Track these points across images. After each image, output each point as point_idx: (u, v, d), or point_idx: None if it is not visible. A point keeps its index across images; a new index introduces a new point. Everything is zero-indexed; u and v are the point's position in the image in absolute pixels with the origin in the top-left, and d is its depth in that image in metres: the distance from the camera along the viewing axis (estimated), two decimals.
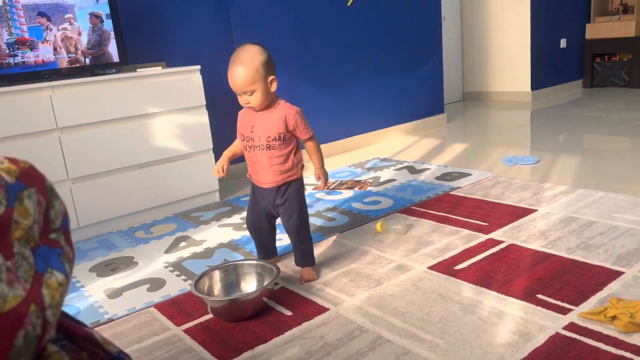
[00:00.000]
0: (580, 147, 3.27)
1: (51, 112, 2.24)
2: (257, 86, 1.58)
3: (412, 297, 1.57)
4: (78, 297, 1.80)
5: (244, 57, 1.57)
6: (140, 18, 2.85)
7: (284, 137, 1.66)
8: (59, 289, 0.53)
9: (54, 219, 0.60)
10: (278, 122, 1.64)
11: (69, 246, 0.60)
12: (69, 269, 0.57)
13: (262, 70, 1.57)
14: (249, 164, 1.72)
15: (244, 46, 1.60)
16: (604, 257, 1.70)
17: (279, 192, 1.69)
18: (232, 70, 1.58)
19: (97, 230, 2.44)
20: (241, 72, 1.56)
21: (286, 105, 1.68)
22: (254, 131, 1.65)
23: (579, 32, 5.68)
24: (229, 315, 1.53)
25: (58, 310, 0.53)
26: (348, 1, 3.62)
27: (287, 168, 1.68)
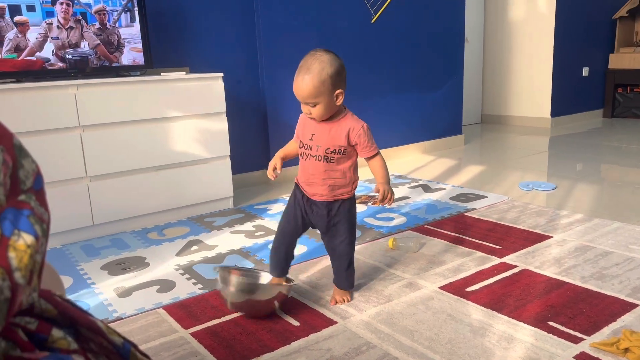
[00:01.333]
0: (598, 176, 3.24)
1: (74, 110, 2.28)
2: (321, 99, 1.48)
3: (421, 315, 1.55)
4: (88, 294, 1.82)
5: (313, 66, 1.47)
6: (167, 23, 2.90)
7: (344, 150, 1.55)
8: (28, 251, 0.52)
9: (24, 180, 0.57)
10: (340, 134, 1.54)
11: (42, 207, 0.58)
12: (40, 230, 0.55)
13: (329, 82, 1.47)
14: (302, 172, 1.62)
15: (316, 53, 1.51)
16: (618, 288, 1.67)
17: (329, 208, 1.60)
18: (298, 78, 1.49)
19: (111, 229, 2.46)
20: (307, 81, 1.46)
21: (352, 118, 1.56)
22: (314, 140, 1.56)
23: (602, 61, 5.66)
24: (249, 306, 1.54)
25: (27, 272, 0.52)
26: (372, 17, 3.65)
27: (341, 184, 1.59)
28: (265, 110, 3.29)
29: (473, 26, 5.46)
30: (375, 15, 3.67)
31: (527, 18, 5.23)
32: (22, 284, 0.51)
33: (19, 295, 0.51)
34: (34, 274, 0.53)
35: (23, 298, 0.52)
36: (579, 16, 5.27)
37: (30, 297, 0.54)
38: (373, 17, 3.66)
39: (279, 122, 3.33)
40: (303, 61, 1.51)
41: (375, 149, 1.59)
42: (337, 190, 1.59)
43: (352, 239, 1.65)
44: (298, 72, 1.50)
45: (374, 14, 3.66)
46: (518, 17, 5.30)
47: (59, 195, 2.28)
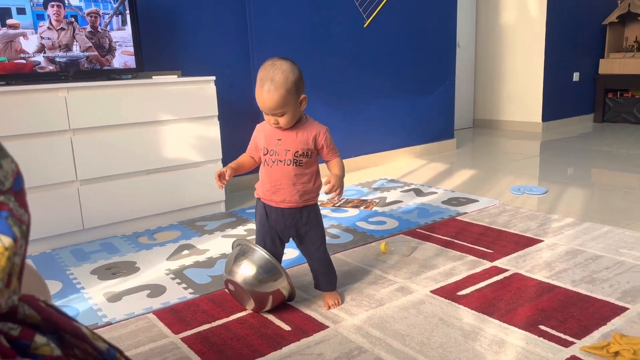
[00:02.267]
0: (589, 180, 3.26)
1: (65, 113, 2.26)
2: (288, 108, 1.49)
3: (413, 320, 1.55)
4: (78, 299, 1.80)
5: (276, 76, 1.46)
6: (159, 26, 2.89)
7: (311, 154, 1.58)
8: (5, 253, 0.51)
9: (3, 180, 0.55)
10: (307, 138, 1.56)
11: (21, 208, 0.56)
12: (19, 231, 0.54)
13: (294, 90, 1.48)
14: (266, 182, 1.59)
15: (275, 63, 1.49)
16: (608, 291, 1.68)
17: (300, 215, 1.59)
18: (263, 91, 1.46)
19: (101, 233, 2.44)
20: (273, 93, 1.45)
21: (315, 123, 1.60)
22: (281, 144, 1.55)
23: (592, 66, 5.71)
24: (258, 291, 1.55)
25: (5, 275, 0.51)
26: (365, 22, 3.66)
27: (309, 189, 1.59)
28: (257, 114, 3.29)
29: (465, 31, 5.49)
30: (367, 20, 3.68)
31: (518, 23, 5.27)
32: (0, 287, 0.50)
33: None
34: (12, 277, 0.52)
35: (1, 301, 0.51)
36: (569, 22, 5.31)
37: (10, 300, 0.53)
38: (366, 22, 3.67)
39: None
40: (263, 72, 1.48)
41: (337, 152, 1.64)
42: (306, 195, 1.59)
43: (324, 241, 1.67)
44: (261, 84, 1.47)
45: (366, 19, 3.67)
46: (509, 23, 5.34)
47: (48, 199, 2.26)
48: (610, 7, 5.63)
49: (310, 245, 1.65)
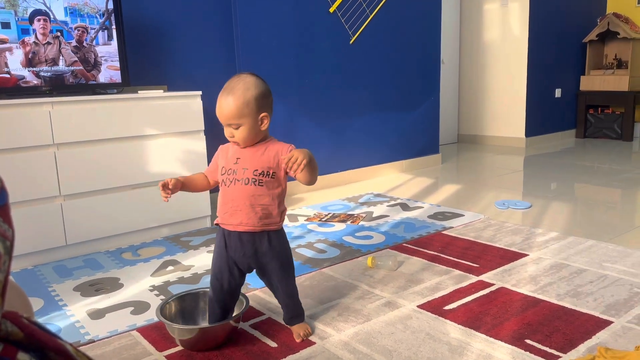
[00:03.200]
0: (572, 195, 3.30)
1: (49, 128, 2.24)
2: (244, 121, 1.42)
3: (400, 335, 1.55)
4: (60, 316, 1.76)
5: (236, 86, 1.43)
6: (145, 41, 2.89)
7: (274, 174, 1.48)
8: None
9: None
10: (269, 156, 1.48)
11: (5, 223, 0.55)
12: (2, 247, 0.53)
13: (253, 104, 1.42)
14: (223, 204, 1.48)
15: (241, 75, 1.47)
16: (593, 305, 1.69)
17: (260, 242, 1.48)
18: (221, 98, 1.44)
19: (84, 249, 2.41)
20: (229, 102, 1.41)
21: (280, 142, 1.52)
22: (239, 163, 1.47)
23: (573, 83, 5.82)
24: (196, 345, 1.48)
25: None
26: (351, 39, 3.70)
27: (269, 212, 1.47)
28: None
29: (449, 48, 5.57)
30: (353, 37, 3.71)
31: (501, 41, 5.37)
32: None
33: None
34: None
35: None
36: (551, 39, 5.42)
37: None
38: (351, 38, 3.71)
39: None
40: (227, 83, 1.46)
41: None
42: (266, 219, 1.47)
43: (288, 272, 1.54)
44: (221, 93, 1.45)
45: (352, 35, 3.71)
46: (492, 40, 5.43)
47: (31, 215, 2.23)
48: (590, 25, 5.76)
49: (272, 276, 1.52)
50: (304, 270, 2.10)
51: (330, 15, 3.57)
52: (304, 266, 2.14)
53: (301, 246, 2.40)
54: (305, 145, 3.55)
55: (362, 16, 3.74)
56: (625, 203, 3.06)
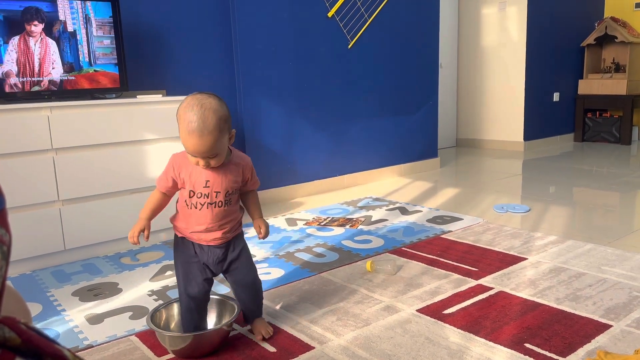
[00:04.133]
0: (571, 199, 3.30)
1: (47, 133, 2.24)
2: (221, 148, 1.39)
3: (399, 339, 1.54)
4: (58, 321, 1.76)
5: (208, 119, 1.33)
6: (144, 46, 2.90)
7: (238, 188, 1.51)
8: None
9: None
10: (237, 174, 1.49)
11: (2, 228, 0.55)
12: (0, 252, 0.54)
13: (225, 129, 1.38)
14: (194, 224, 1.47)
15: (203, 102, 1.35)
16: (592, 309, 1.69)
17: (233, 246, 1.54)
18: (195, 136, 1.32)
19: (83, 254, 2.40)
20: (207, 139, 1.33)
21: (239, 154, 1.53)
22: (210, 186, 1.44)
23: (571, 87, 5.83)
24: (192, 353, 1.47)
25: None
26: (349, 43, 3.71)
27: (238, 221, 1.54)
28: (242, 133, 3.29)
29: (447, 52, 5.58)
30: (352, 41, 3.72)
31: (499, 45, 5.38)
32: None
33: None
34: None
35: None
36: (549, 43, 5.44)
37: None
38: (350, 43, 3.72)
39: (257, 145, 3.33)
40: (191, 114, 1.33)
41: (258, 179, 1.60)
42: (236, 229, 1.55)
43: (253, 264, 1.60)
44: (192, 128, 1.32)
45: (350, 39, 3.72)
46: (491, 44, 5.45)
47: (29, 219, 2.22)
48: (588, 29, 5.78)
49: (240, 271, 1.55)
50: (303, 274, 2.09)
51: (328, 20, 3.58)
52: (303, 270, 2.14)
53: (300, 250, 2.40)
54: (303, 149, 3.56)
55: (361, 20, 3.75)
56: (623, 206, 3.07)
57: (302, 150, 3.56)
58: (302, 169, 3.57)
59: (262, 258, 2.31)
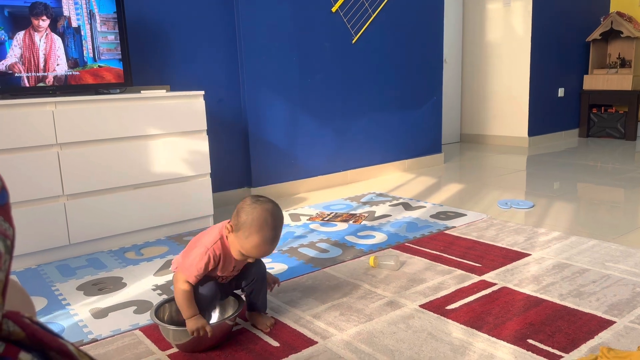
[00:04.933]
0: (575, 195, 3.29)
1: (52, 128, 2.25)
2: None
3: (402, 334, 1.55)
4: (63, 315, 1.77)
5: (280, 225, 1.49)
6: (148, 41, 2.90)
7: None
8: None
9: None
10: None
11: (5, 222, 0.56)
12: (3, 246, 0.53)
13: None
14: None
15: (272, 208, 1.47)
16: (595, 305, 1.69)
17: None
18: (272, 246, 1.47)
19: (87, 249, 2.42)
20: (271, 248, 1.48)
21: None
22: (236, 269, 1.58)
23: (576, 82, 5.80)
24: (195, 347, 1.48)
25: None
26: (353, 38, 3.70)
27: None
28: (246, 129, 3.29)
29: (452, 47, 5.56)
30: (355, 36, 3.71)
31: (504, 40, 5.36)
32: None
33: None
34: None
35: None
36: (554, 39, 5.41)
37: None
38: (354, 38, 3.71)
39: (260, 140, 3.33)
40: (272, 219, 1.45)
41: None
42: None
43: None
44: (263, 241, 1.44)
45: (354, 35, 3.71)
46: (495, 39, 5.42)
47: (34, 214, 2.24)
48: (593, 24, 5.75)
49: (252, 267, 1.62)
50: (306, 269, 2.10)
51: (332, 15, 3.57)
52: (306, 265, 2.14)
53: (303, 245, 2.40)
54: (307, 145, 3.56)
55: (365, 16, 3.73)
56: (628, 202, 3.06)
57: (305, 146, 3.56)
58: (306, 164, 3.58)
59: None
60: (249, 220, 1.44)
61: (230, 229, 1.48)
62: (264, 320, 1.62)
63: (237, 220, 1.46)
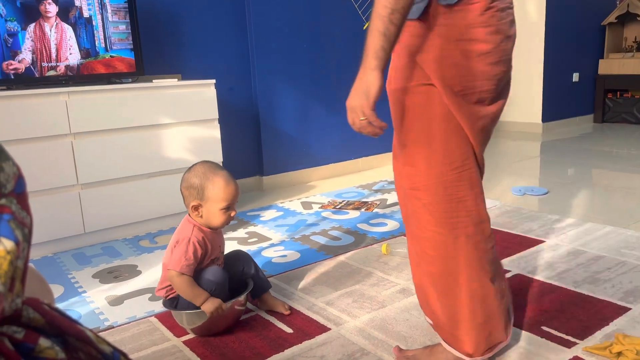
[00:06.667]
0: (590, 181, 3.26)
1: (65, 117, 2.26)
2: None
3: (415, 321, 1.55)
4: (80, 303, 1.80)
5: (224, 169, 1.57)
6: (159, 30, 2.90)
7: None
8: (8, 257, 0.51)
9: (5, 183, 0.56)
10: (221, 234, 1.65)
11: (23, 210, 0.57)
12: (21, 235, 0.54)
13: None
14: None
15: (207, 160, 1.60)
16: (611, 292, 1.68)
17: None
18: (230, 181, 1.53)
19: (102, 237, 2.44)
20: (236, 182, 1.55)
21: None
22: (221, 247, 1.62)
23: (591, 67, 5.71)
24: (209, 329, 1.50)
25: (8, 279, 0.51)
26: (364, 24, 3.67)
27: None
28: (257, 117, 3.29)
29: None
30: (367, 22, 3.68)
31: (517, 24, 5.27)
32: (2, 292, 0.50)
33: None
34: (15, 280, 0.52)
35: (5, 305, 0.51)
36: (568, 23, 5.32)
37: (14, 304, 0.53)
38: (365, 24, 3.68)
39: (272, 128, 3.33)
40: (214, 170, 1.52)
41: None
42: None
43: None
44: (225, 179, 1.51)
45: (365, 21, 3.68)
46: None
47: (50, 203, 2.26)
48: (609, 7, 5.63)
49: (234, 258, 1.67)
50: (318, 257, 2.11)
51: (343, 2, 3.54)
52: (318, 253, 2.15)
53: (315, 233, 2.41)
54: (318, 133, 3.55)
55: None
56: None
57: (317, 134, 3.55)
58: (317, 152, 3.57)
59: (278, 241, 2.33)
60: (201, 176, 1.51)
61: (197, 207, 1.53)
62: (277, 303, 1.64)
63: (194, 189, 1.52)
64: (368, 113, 1.10)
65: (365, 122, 1.12)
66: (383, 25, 1.05)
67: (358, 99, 1.11)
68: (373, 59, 1.09)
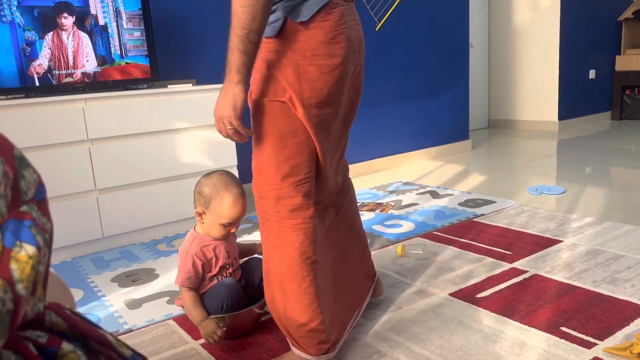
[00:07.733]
0: (608, 179, 3.21)
1: (83, 124, 2.30)
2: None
3: (432, 323, 1.54)
4: (99, 306, 1.82)
5: (239, 186, 1.52)
6: (173, 35, 2.93)
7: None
8: (30, 262, 0.52)
9: (26, 190, 0.57)
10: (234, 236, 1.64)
11: (44, 217, 0.58)
12: (42, 240, 0.56)
13: None
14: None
15: (228, 172, 1.55)
16: (631, 291, 1.65)
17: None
18: (238, 202, 1.49)
19: (120, 241, 2.48)
20: (245, 204, 1.52)
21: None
22: (230, 255, 1.58)
23: (608, 63, 5.64)
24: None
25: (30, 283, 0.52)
26: (377, 25, 3.66)
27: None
28: None
29: (478, 31, 5.46)
30: (379, 23, 3.68)
31: (531, 22, 5.23)
32: (25, 296, 0.52)
33: (21, 306, 0.51)
34: (37, 285, 0.54)
35: (27, 309, 0.53)
36: (584, 19, 5.26)
37: (36, 308, 0.54)
38: (377, 25, 3.68)
39: None
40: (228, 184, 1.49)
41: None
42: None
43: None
44: (233, 198, 1.48)
45: (378, 22, 3.68)
46: (523, 21, 5.30)
47: (68, 209, 2.30)
48: (625, 2, 5.56)
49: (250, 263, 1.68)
50: None
51: (355, 3, 3.54)
52: None
53: None
54: None
55: (388, 2, 3.69)
56: None
57: None
58: None
59: None
60: (212, 187, 1.50)
61: (201, 214, 1.52)
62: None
63: (203, 197, 1.51)
64: (236, 123, 1.22)
65: (232, 130, 1.23)
66: (242, 44, 1.18)
67: (225, 110, 1.21)
68: (236, 74, 1.21)
